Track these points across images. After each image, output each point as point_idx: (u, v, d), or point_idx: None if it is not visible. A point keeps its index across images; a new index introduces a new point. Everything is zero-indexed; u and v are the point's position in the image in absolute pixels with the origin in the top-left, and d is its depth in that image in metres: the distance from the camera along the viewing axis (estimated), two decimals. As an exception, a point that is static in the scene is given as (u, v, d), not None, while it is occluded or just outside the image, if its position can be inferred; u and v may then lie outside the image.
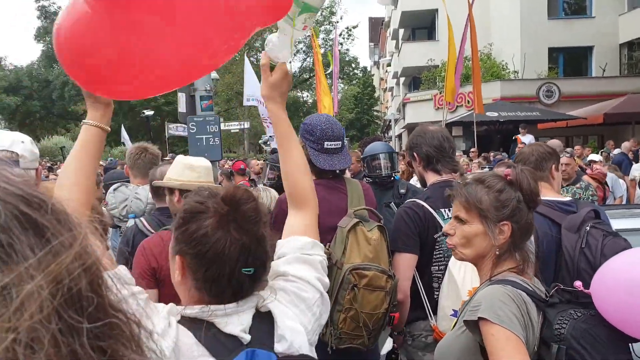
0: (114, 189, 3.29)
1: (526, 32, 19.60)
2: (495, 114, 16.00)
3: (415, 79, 26.10)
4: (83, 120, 1.31)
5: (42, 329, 0.27)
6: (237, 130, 20.82)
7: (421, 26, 26.65)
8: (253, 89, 9.28)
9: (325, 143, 2.38)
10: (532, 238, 1.73)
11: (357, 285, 2.08)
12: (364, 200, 2.46)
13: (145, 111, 12.86)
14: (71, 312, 0.30)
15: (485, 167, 9.01)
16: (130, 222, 2.70)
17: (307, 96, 44.34)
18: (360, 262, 2.12)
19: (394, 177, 4.25)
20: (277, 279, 1.28)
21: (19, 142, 1.75)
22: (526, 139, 12.15)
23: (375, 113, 47.29)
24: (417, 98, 22.89)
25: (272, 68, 1.51)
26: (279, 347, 1.14)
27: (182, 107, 4.83)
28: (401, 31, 28.34)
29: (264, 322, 1.16)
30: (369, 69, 54.50)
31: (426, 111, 20.93)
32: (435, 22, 23.95)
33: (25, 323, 0.27)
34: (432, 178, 2.53)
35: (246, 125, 15.82)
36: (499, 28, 20.95)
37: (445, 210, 2.38)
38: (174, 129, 10.96)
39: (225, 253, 1.08)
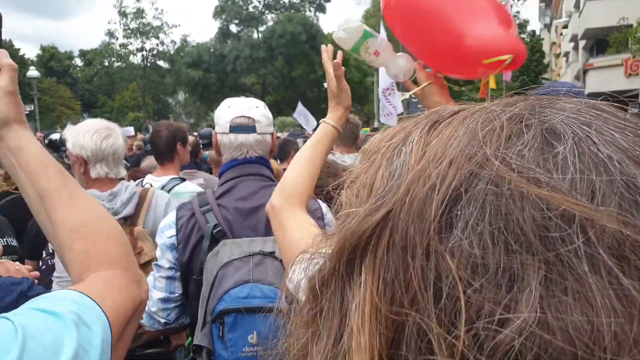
0: None
1: None
2: None
3: (600, 42, 23.04)
4: (323, 120, 1.41)
5: None
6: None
7: (612, -20, 23.33)
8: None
9: None
10: None
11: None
12: None
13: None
14: None
15: None
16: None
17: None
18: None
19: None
20: None
21: (254, 107, 1.78)
22: None
23: (544, 81, 43.15)
24: (602, 63, 20.28)
25: (415, 82, 1.57)
26: None
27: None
28: (584, -13, 25.10)
29: None
30: (537, 32, 49.58)
31: (615, 78, 18.46)
32: (632, -26, 20.72)
33: None
34: None
35: None
36: None
37: None
38: None
39: None
